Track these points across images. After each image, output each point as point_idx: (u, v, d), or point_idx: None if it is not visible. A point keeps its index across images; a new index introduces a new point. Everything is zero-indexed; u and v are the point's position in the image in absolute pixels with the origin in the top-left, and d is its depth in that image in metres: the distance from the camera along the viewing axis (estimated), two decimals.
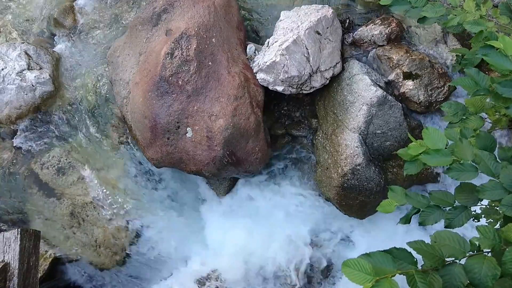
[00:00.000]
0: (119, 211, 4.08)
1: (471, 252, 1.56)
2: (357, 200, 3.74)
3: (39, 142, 4.13)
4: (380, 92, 3.59)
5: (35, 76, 4.06)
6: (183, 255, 4.22)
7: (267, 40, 3.82)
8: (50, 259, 3.96)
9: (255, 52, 3.89)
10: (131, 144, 4.12)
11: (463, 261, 1.54)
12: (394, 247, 1.51)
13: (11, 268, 2.07)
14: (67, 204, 4.06)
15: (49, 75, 4.11)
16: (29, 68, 4.08)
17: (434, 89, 3.70)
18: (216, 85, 3.59)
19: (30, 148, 4.12)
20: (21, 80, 4.04)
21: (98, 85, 4.20)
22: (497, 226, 2.22)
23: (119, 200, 4.07)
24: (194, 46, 3.53)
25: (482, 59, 2.64)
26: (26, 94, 4.05)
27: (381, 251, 1.47)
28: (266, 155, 3.82)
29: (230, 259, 4.10)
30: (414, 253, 1.54)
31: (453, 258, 1.53)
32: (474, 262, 1.51)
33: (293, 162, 4.16)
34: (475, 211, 2.27)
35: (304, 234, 4.13)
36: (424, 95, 3.69)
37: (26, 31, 4.39)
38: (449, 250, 1.54)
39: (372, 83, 3.63)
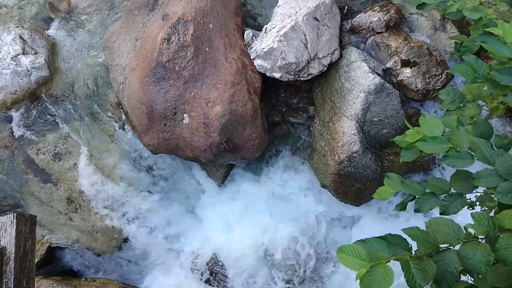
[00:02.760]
0: (116, 197, 4.08)
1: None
2: (353, 187, 3.76)
3: (35, 127, 4.10)
4: (378, 79, 3.58)
5: (30, 61, 4.01)
6: (180, 240, 4.24)
7: (265, 26, 3.78)
8: (47, 244, 3.97)
9: (252, 38, 3.85)
10: (128, 130, 4.10)
11: (457, 248, 1.55)
12: (389, 233, 1.51)
13: (7, 252, 2.08)
14: (64, 189, 4.05)
15: (45, 60, 4.07)
16: (24, 52, 4.04)
17: (432, 77, 3.69)
18: (213, 71, 3.56)
19: (26, 133, 4.10)
20: (16, 65, 3.99)
21: (94, 70, 4.16)
22: (492, 214, 2.23)
23: (116, 185, 4.07)
24: (191, 31, 3.50)
25: (481, 47, 2.63)
26: (21, 79, 4.02)
27: (376, 237, 1.47)
28: (263, 142, 3.82)
29: (228, 244, 4.13)
30: (409, 239, 1.55)
31: (448, 245, 1.54)
32: (468, 248, 1.53)
33: (290, 149, 4.16)
34: (470, 199, 2.28)
35: (300, 221, 4.15)
36: (421, 83, 3.68)
37: (21, 14, 4.32)
38: (443, 236, 1.55)
39: (370, 71, 3.61)
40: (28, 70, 4.01)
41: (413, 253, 1.51)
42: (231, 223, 4.15)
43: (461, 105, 2.01)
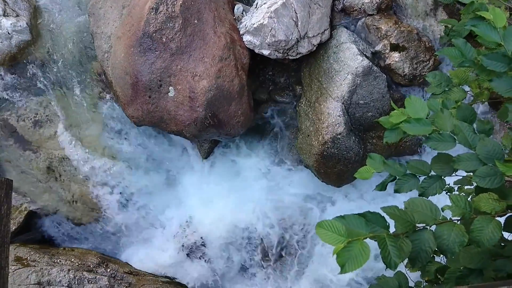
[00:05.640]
0: (97, 168, 4.03)
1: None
2: (335, 169, 3.79)
3: (15, 93, 3.99)
4: (366, 62, 3.57)
5: (11, 24, 3.87)
6: (162, 213, 4.24)
7: (256, 1, 3.72)
8: (26, 212, 3.92)
9: (242, 13, 3.79)
10: (111, 100, 4.03)
11: (433, 228, 1.58)
12: (368, 211, 1.53)
13: None
14: (44, 158, 3.99)
15: (27, 24, 3.93)
16: (5, 14, 3.89)
17: (419, 63, 3.71)
18: (201, 44, 3.50)
19: (5, 98, 3.99)
20: None
21: (78, 37, 4.04)
22: (469, 199, 2.28)
23: (97, 156, 4.02)
24: (180, 2, 3.41)
25: (470, 35, 2.63)
26: (1, 42, 3.88)
27: (355, 214, 1.49)
28: (248, 119, 3.80)
29: (209, 220, 4.15)
30: (387, 218, 1.57)
31: (424, 224, 1.57)
32: (443, 228, 1.56)
33: (275, 128, 4.15)
34: (449, 184, 2.32)
35: (284, 200, 4.18)
36: (409, 68, 3.69)
37: None
38: (420, 216, 1.57)
39: (359, 53, 3.60)
40: (9, 33, 3.87)
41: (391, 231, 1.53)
42: (213, 198, 4.16)
43: (447, 89, 2.02)
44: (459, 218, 1.62)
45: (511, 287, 1.40)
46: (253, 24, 3.56)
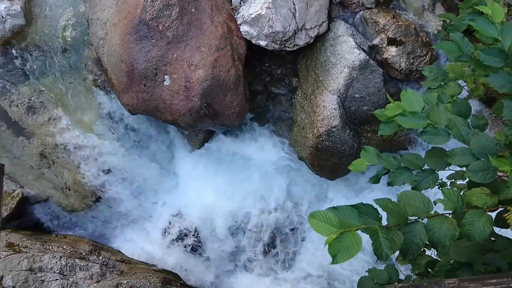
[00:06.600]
0: (91, 155, 4.00)
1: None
2: (329, 162, 3.79)
3: (8, 77, 3.94)
4: (363, 55, 3.57)
5: (5, 7, 3.82)
6: (155, 202, 4.23)
7: None
8: (18, 198, 3.89)
9: (240, 3, 3.75)
10: (106, 88, 3.99)
11: (425, 221, 1.59)
12: (361, 202, 1.53)
13: None
14: (37, 144, 3.95)
15: (21, 8, 3.87)
16: None
17: (416, 58, 3.70)
18: (198, 33, 3.47)
19: None
20: None
21: (74, 22, 3.98)
22: (461, 193, 2.29)
23: (91, 144, 3.99)
24: None
25: (468, 31, 2.63)
26: None
27: (348, 205, 1.49)
28: (243, 110, 3.78)
29: (202, 208, 4.15)
30: (380, 210, 1.57)
31: (416, 217, 1.57)
32: (435, 222, 1.56)
33: (270, 120, 4.14)
34: (441, 179, 2.33)
35: (277, 191, 4.18)
36: (405, 62, 3.68)
37: None
38: (413, 209, 1.57)
39: (356, 46, 3.59)
40: (2, 17, 3.82)
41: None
42: (206, 187, 4.15)
43: (443, 83, 2.03)
44: (451, 212, 1.63)
45: (499, 281, 1.41)
46: (251, 14, 3.53)
